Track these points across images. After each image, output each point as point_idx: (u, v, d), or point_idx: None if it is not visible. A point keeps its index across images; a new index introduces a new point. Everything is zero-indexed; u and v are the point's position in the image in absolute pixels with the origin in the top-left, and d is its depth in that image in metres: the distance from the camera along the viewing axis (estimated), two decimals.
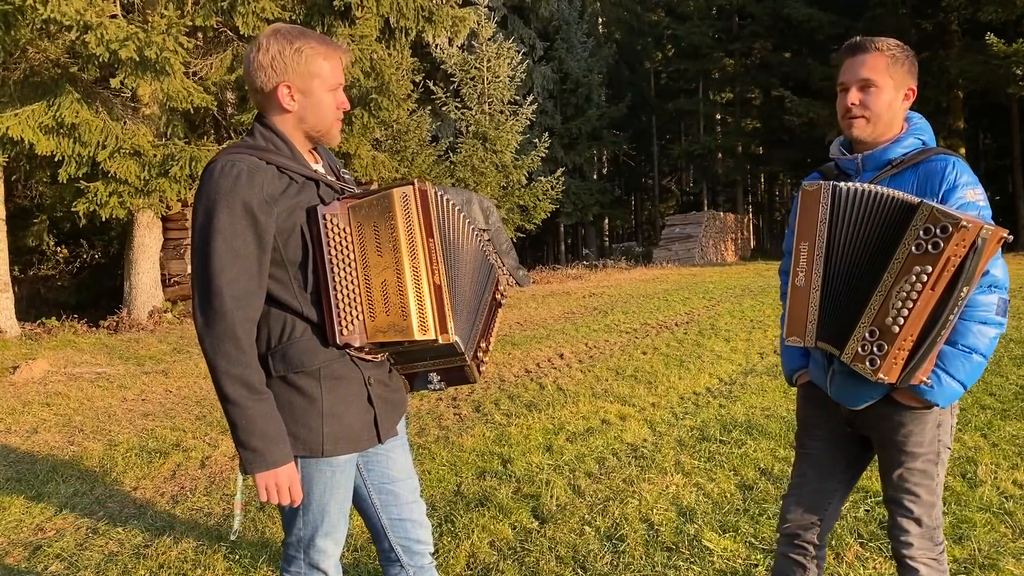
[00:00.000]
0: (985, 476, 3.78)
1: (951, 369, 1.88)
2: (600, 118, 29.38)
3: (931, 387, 1.87)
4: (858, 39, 2.02)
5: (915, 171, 1.95)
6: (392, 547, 2.03)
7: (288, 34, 1.81)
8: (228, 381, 1.69)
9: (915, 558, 2.00)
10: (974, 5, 19.96)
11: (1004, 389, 5.42)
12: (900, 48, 1.98)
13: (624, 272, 19.36)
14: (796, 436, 2.25)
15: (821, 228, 1.89)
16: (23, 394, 7.03)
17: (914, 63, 2.01)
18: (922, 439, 1.96)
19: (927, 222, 1.72)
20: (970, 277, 1.71)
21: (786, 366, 2.25)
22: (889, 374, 1.79)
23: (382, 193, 1.79)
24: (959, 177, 1.90)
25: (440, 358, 1.92)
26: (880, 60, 1.95)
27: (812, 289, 1.91)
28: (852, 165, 2.04)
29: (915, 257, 1.74)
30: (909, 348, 1.78)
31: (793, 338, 1.94)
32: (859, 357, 1.81)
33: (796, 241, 1.94)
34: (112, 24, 9.14)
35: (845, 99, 1.99)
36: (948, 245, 1.69)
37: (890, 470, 2.02)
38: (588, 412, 5.44)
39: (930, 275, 1.72)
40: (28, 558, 3.45)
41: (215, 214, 1.69)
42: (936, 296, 1.74)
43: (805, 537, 2.15)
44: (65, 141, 9.98)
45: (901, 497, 2.01)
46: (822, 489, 2.14)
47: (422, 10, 11.77)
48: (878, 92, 1.95)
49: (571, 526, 3.44)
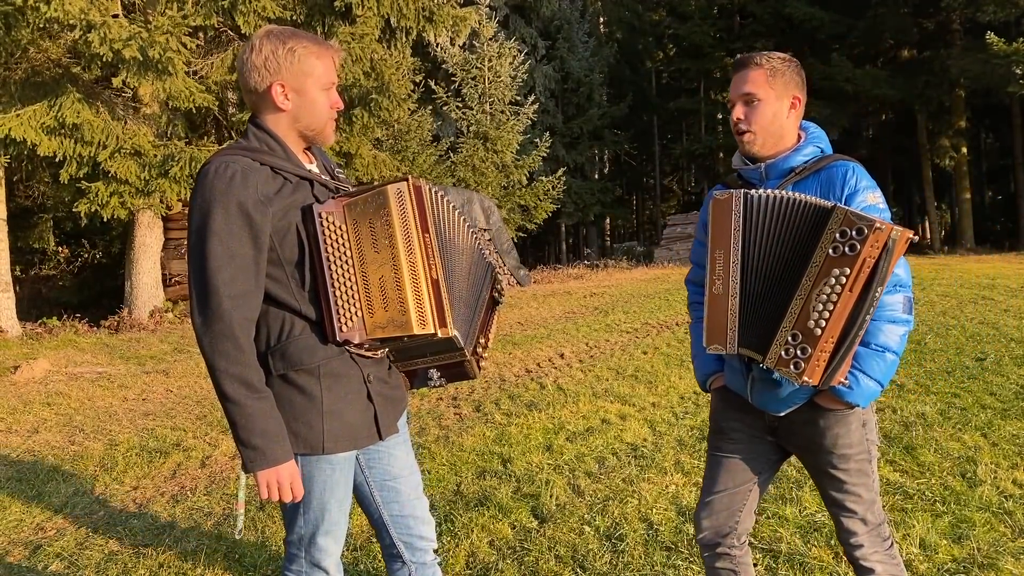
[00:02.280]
0: (985, 476, 3.77)
1: (867, 369, 1.90)
2: (601, 117, 29.36)
3: (850, 388, 1.89)
4: (741, 56, 2.08)
5: (817, 177, 1.99)
6: (395, 543, 2.04)
7: (281, 34, 1.82)
8: (227, 380, 1.70)
9: (867, 557, 2.03)
10: (974, 5, 19.94)
11: (1005, 389, 5.42)
12: (781, 60, 2.02)
13: (625, 272, 19.35)
14: (709, 439, 2.24)
15: (735, 236, 1.91)
16: (24, 394, 7.04)
17: (798, 73, 2.05)
18: (850, 440, 1.98)
19: (842, 225, 1.75)
20: (883, 277, 1.74)
21: (699, 371, 2.27)
22: (812, 376, 1.80)
23: (377, 190, 1.79)
24: (859, 182, 1.94)
25: (440, 354, 1.92)
26: (760, 74, 2.00)
27: (730, 296, 1.91)
28: (756, 174, 2.06)
29: (832, 259, 1.76)
30: (830, 350, 1.79)
31: (714, 346, 1.94)
32: (783, 361, 1.82)
33: (711, 250, 1.95)
34: (115, 24, 9.16)
35: (732, 114, 2.06)
36: (864, 247, 1.72)
37: (825, 475, 2.04)
38: (588, 412, 5.44)
39: (848, 276, 1.74)
40: (29, 557, 3.46)
41: (210, 215, 1.70)
42: (854, 297, 1.76)
43: (725, 543, 2.15)
44: (67, 142, 10.01)
45: (843, 499, 2.03)
46: (736, 493, 2.15)
47: (423, 10, 11.78)
48: (760, 105, 2.00)
49: (571, 525, 3.44)
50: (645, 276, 17.31)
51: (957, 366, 6.17)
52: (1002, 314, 8.53)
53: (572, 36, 29.32)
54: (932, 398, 5.26)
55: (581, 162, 29.50)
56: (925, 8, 23.28)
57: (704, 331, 1.98)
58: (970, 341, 7.12)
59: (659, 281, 15.72)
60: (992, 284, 11.29)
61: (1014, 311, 8.68)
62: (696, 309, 2.27)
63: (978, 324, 7.98)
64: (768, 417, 2.06)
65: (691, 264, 2.34)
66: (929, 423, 4.68)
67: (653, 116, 34.18)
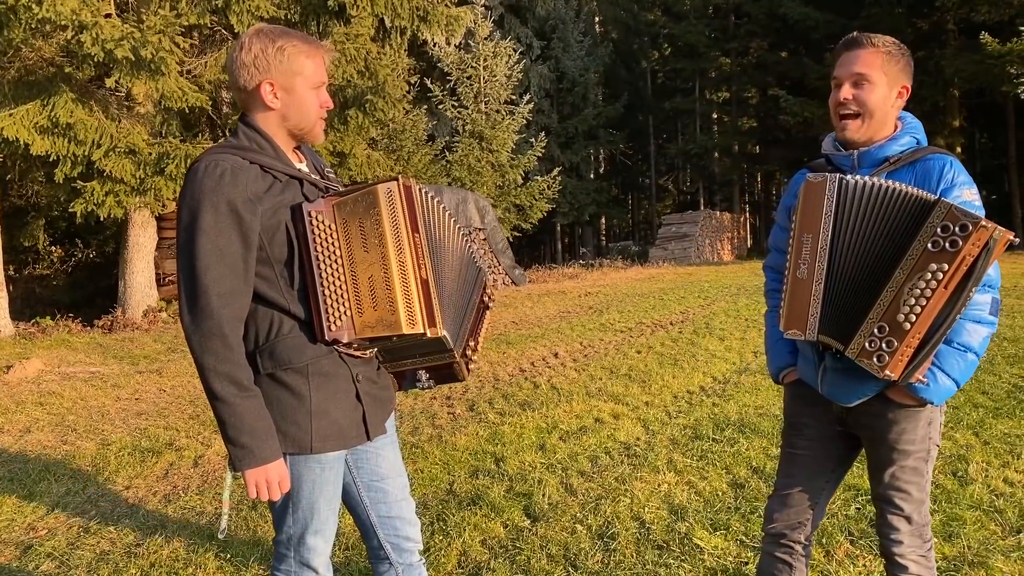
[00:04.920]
0: (976, 474, 3.78)
1: (946, 367, 1.87)
2: (597, 117, 29.38)
3: (927, 385, 1.86)
4: (855, 35, 1.99)
5: (912, 169, 1.93)
6: (381, 544, 2.03)
7: (271, 33, 1.82)
8: (216, 379, 1.70)
9: (904, 555, 2.01)
10: (968, 5, 20.00)
11: (997, 388, 5.43)
12: (896, 45, 1.95)
13: (620, 271, 19.36)
14: (783, 435, 2.24)
15: (826, 220, 1.85)
16: (16, 393, 7.02)
17: (910, 62, 1.99)
18: (914, 436, 1.96)
19: (945, 220, 1.70)
20: (979, 277, 1.70)
21: (773, 364, 2.23)
22: (895, 371, 1.77)
23: (367, 189, 1.79)
24: (956, 176, 1.89)
25: (429, 355, 1.92)
26: (876, 56, 1.93)
27: (815, 282, 1.87)
28: (848, 161, 2.00)
29: (931, 254, 1.72)
30: (916, 345, 1.76)
31: (793, 331, 1.90)
32: (866, 352, 1.79)
33: (798, 233, 1.90)
34: (107, 24, 9.13)
35: (838, 94, 1.97)
36: (966, 244, 1.68)
37: (881, 468, 2.02)
38: (582, 411, 5.45)
39: (945, 273, 1.70)
40: (20, 557, 3.45)
41: (199, 213, 1.70)
42: (948, 294, 1.72)
43: (792, 536, 2.15)
44: (60, 141, 9.98)
45: (892, 495, 2.01)
46: (810, 489, 2.14)
47: (417, 9, 11.77)
48: (871, 88, 1.93)
49: (563, 524, 3.45)
50: (640, 275, 17.32)
51: None
52: None
53: (567, 36, 29.34)
54: None
55: (576, 162, 29.52)
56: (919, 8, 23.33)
57: (783, 315, 1.93)
58: None
59: (654, 280, 15.73)
60: None
61: (1007, 310, 8.70)
62: (773, 297, 2.21)
63: None
64: (836, 407, 2.03)
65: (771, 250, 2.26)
66: None
67: (648, 116, 34.23)
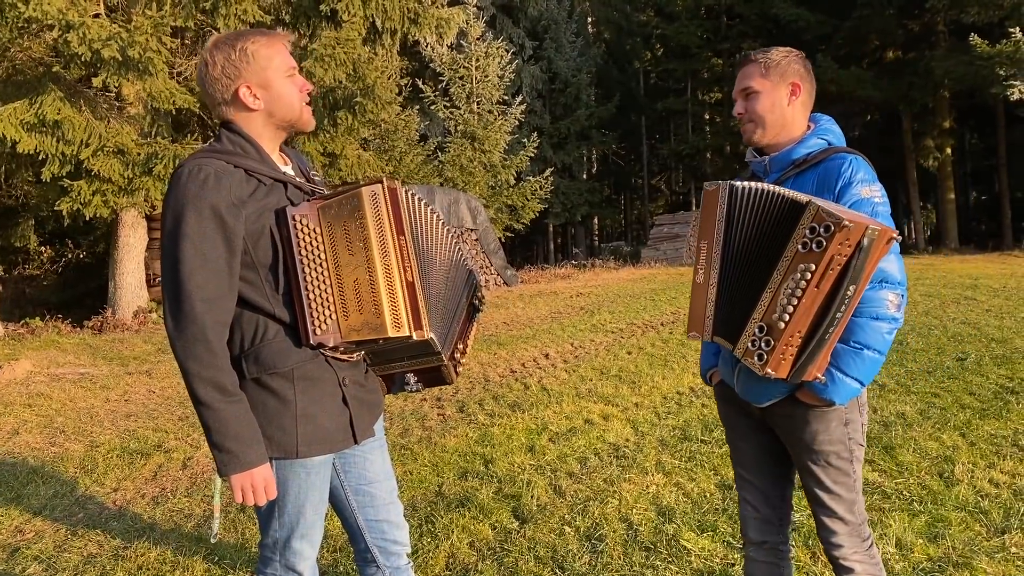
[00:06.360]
0: (962, 475, 3.81)
1: (844, 366, 1.91)
2: (589, 118, 29.38)
3: (825, 384, 1.90)
4: (745, 53, 2.14)
5: (816, 170, 2.01)
6: (368, 548, 2.04)
7: (227, 40, 1.84)
8: (200, 384, 1.70)
9: (847, 557, 2.04)
10: (958, 6, 20.09)
11: (984, 388, 5.46)
12: (778, 52, 2.07)
13: (613, 272, 19.37)
14: (726, 436, 2.31)
15: (719, 226, 1.93)
16: (5, 395, 6.98)
17: (797, 62, 2.07)
18: (829, 437, 2.00)
19: (812, 221, 1.76)
20: (857, 276, 1.74)
21: (701, 364, 2.35)
22: (778, 370, 1.82)
23: (351, 192, 1.79)
24: (855, 174, 1.95)
25: (416, 358, 1.92)
26: (755, 68, 2.06)
27: (709, 286, 1.95)
28: (760, 167, 2.12)
29: (801, 255, 1.78)
30: (798, 344, 1.81)
31: (693, 333, 1.99)
32: (748, 352, 1.85)
33: (697, 240, 1.98)
34: (95, 23, 9.09)
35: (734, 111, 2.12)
36: (831, 244, 1.72)
37: (805, 470, 2.06)
38: (572, 412, 5.45)
39: (814, 273, 1.75)
40: (6, 560, 3.43)
41: (183, 218, 1.69)
42: (823, 294, 1.77)
43: (771, 539, 2.18)
44: (48, 139, 9.92)
45: (822, 496, 2.04)
46: (764, 485, 2.18)
47: (408, 11, 11.76)
48: (756, 97, 2.06)
49: (551, 526, 3.45)
50: (632, 276, 17.34)
51: (938, 366, 6.22)
52: (984, 314, 8.60)
53: (559, 36, 29.32)
54: (912, 398, 5.30)
55: (569, 162, 29.51)
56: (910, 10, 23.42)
57: (688, 318, 2.02)
58: (951, 341, 7.18)
59: (646, 281, 15.75)
60: (975, 284, 11.38)
61: (996, 311, 8.76)
62: None
63: (960, 324, 8.04)
64: (754, 408, 2.09)
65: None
66: (909, 423, 4.72)
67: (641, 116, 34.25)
